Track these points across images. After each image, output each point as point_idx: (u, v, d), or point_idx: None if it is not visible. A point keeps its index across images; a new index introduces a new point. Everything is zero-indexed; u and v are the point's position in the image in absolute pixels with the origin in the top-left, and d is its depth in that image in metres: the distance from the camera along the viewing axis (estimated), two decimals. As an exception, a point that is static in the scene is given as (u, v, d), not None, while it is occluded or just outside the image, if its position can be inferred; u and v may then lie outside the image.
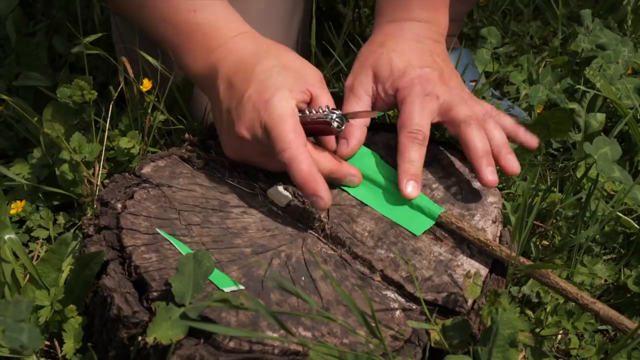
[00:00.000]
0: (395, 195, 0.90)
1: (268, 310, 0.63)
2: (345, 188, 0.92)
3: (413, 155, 0.90)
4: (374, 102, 0.98)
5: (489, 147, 0.93)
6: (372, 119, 0.98)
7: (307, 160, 0.84)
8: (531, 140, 0.97)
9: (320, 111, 0.89)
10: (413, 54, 0.98)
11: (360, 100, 0.98)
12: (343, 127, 0.90)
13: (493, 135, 0.95)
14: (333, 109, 0.90)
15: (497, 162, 0.93)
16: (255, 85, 0.88)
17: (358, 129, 0.94)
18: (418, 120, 0.92)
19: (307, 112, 0.88)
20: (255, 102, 0.87)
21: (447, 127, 0.95)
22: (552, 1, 1.64)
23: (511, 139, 0.96)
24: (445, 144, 1.01)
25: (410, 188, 0.88)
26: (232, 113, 0.89)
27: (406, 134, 0.91)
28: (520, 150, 1.10)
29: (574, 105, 1.23)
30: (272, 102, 0.86)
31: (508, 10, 1.76)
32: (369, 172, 0.93)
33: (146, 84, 1.06)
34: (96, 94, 1.04)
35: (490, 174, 0.90)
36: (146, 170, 0.93)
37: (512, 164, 0.94)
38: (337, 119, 0.89)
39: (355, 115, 0.93)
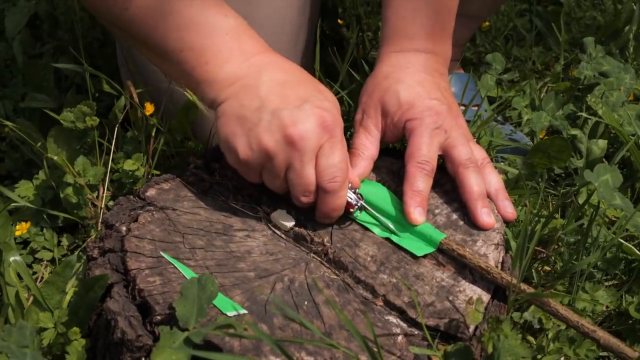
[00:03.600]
0: (399, 223, 0.91)
1: (271, 338, 0.63)
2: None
3: (420, 185, 0.91)
4: (384, 135, 1.00)
5: (485, 191, 0.94)
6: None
7: (345, 194, 0.89)
8: (509, 212, 0.96)
9: (353, 195, 0.91)
10: (420, 86, 1.00)
11: (370, 135, 0.99)
12: (356, 214, 0.93)
13: (490, 180, 0.96)
14: (355, 190, 0.92)
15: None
16: (316, 102, 0.87)
17: (364, 161, 0.96)
18: (426, 152, 0.93)
19: None
20: (320, 120, 0.85)
21: (446, 163, 0.97)
22: (554, 27, 1.65)
23: (491, 198, 0.96)
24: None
25: (417, 214, 0.90)
26: (281, 114, 0.85)
27: (414, 164, 0.93)
28: (525, 175, 1.11)
29: (576, 132, 1.24)
30: (339, 130, 0.87)
31: (510, 36, 1.78)
32: (375, 200, 0.94)
33: (149, 108, 1.07)
34: (98, 120, 1.04)
35: (485, 216, 0.91)
36: (150, 193, 0.94)
37: (509, 210, 0.95)
38: (358, 208, 0.91)
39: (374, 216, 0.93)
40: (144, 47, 0.94)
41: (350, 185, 0.90)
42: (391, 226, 0.90)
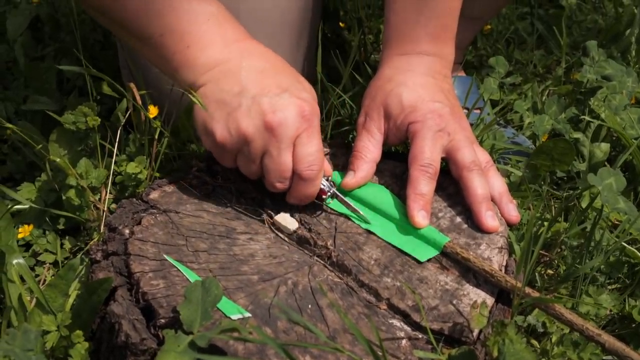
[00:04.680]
0: (402, 226, 0.91)
1: (276, 342, 0.63)
2: (352, 217, 0.93)
3: (423, 188, 0.91)
4: (386, 138, 1.00)
5: (489, 194, 0.94)
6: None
7: (320, 182, 0.91)
8: (513, 216, 0.96)
9: (327, 182, 0.93)
10: (423, 89, 0.99)
11: (373, 138, 0.99)
12: (328, 201, 0.95)
13: (494, 183, 0.96)
14: (329, 177, 0.94)
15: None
16: (295, 92, 0.89)
17: (367, 164, 0.96)
18: (429, 155, 0.93)
19: None
20: (299, 109, 0.87)
21: (450, 165, 0.97)
22: (555, 30, 1.65)
23: (495, 202, 0.96)
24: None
25: (421, 217, 0.90)
26: (261, 101, 0.87)
27: (417, 167, 0.93)
28: (528, 178, 1.11)
29: (578, 135, 1.24)
30: (316, 120, 0.89)
31: (512, 39, 1.77)
32: (378, 203, 0.94)
33: (152, 111, 1.07)
34: (99, 120, 1.04)
35: (490, 219, 0.91)
36: (153, 196, 0.94)
37: (512, 213, 0.95)
38: (330, 195, 0.93)
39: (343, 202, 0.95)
40: (124, 31, 0.95)
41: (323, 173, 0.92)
42: (362, 213, 0.92)
